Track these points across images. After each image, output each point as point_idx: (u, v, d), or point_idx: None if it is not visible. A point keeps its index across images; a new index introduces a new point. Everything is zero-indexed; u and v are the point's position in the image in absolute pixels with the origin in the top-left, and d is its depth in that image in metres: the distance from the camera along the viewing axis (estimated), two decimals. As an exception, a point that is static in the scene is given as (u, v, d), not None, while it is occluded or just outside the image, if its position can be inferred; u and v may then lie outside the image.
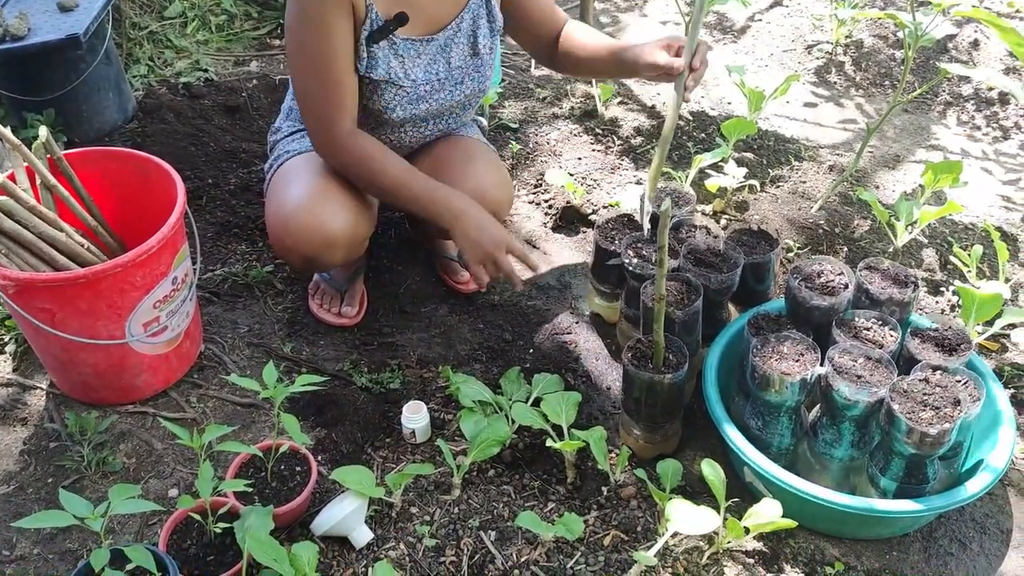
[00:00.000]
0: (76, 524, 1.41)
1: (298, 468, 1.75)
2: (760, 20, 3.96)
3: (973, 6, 2.28)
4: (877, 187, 2.84)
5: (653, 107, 3.20)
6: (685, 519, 1.64)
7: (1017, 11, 3.82)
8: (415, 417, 1.89)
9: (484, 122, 2.41)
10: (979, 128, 3.24)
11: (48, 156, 1.90)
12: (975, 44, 3.52)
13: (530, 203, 2.69)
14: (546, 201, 2.68)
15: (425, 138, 2.14)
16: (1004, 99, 3.30)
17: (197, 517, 1.60)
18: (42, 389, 2.02)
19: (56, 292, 1.71)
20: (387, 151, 1.91)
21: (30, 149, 1.86)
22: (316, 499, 1.78)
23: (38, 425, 1.94)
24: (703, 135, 3.02)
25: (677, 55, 1.89)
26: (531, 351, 2.17)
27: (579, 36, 2.11)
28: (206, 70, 3.31)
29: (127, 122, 2.92)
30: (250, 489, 1.67)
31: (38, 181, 1.87)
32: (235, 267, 2.35)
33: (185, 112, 3.00)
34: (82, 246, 1.87)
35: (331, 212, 1.92)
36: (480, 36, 2.01)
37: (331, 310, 2.23)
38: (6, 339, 2.12)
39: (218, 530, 1.58)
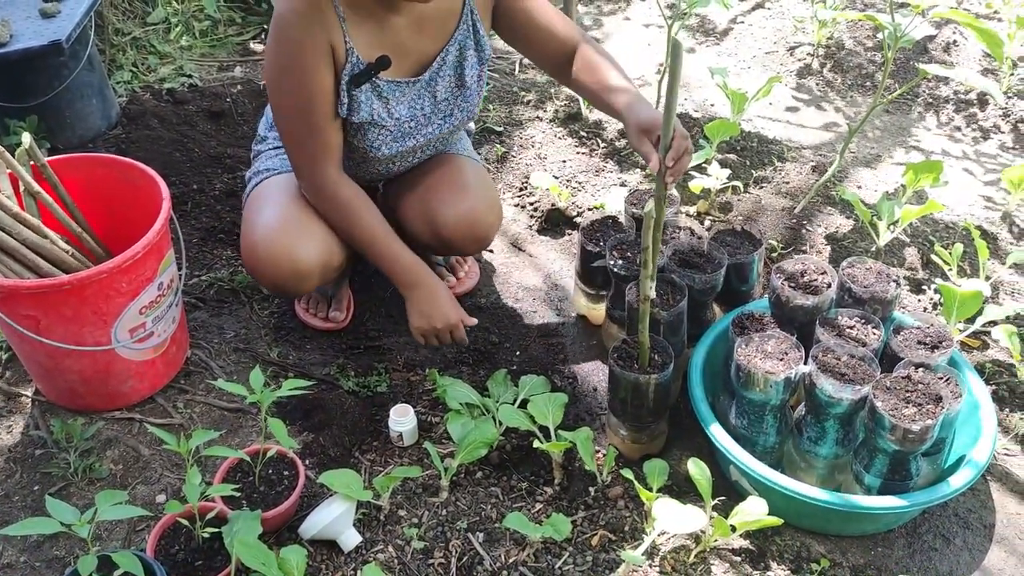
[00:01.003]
0: (63, 531, 1.40)
1: (286, 472, 1.75)
2: (742, 22, 3.99)
3: (951, 7, 2.30)
4: (859, 187, 2.86)
5: (637, 110, 3.22)
6: (672, 518, 1.65)
7: (995, 12, 3.87)
8: (402, 420, 1.90)
9: (472, 126, 2.41)
10: (959, 129, 3.27)
11: (32, 163, 1.89)
12: (954, 44, 3.55)
13: (515, 206, 2.70)
14: (531, 204, 2.69)
15: (413, 165, 2.13)
16: (983, 100, 3.33)
17: (185, 522, 1.60)
18: (27, 397, 2.01)
19: (41, 299, 1.71)
20: (368, 205, 1.95)
21: (13, 156, 1.85)
22: (304, 503, 1.78)
23: (24, 432, 1.93)
24: (687, 137, 3.03)
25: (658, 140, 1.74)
26: (518, 353, 2.18)
27: (591, 76, 1.99)
28: (190, 76, 3.30)
29: (111, 128, 2.91)
30: (238, 494, 1.67)
31: (21, 188, 1.86)
32: (221, 272, 2.35)
33: (169, 118, 2.99)
34: (67, 252, 1.86)
35: (303, 242, 1.91)
36: (467, 67, 1.98)
37: (318, 314, 2.23)
38: (-10, 347, 2.11)
39: (206, 535, 1.58)
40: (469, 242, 2.10)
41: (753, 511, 1.66)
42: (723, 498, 1.80)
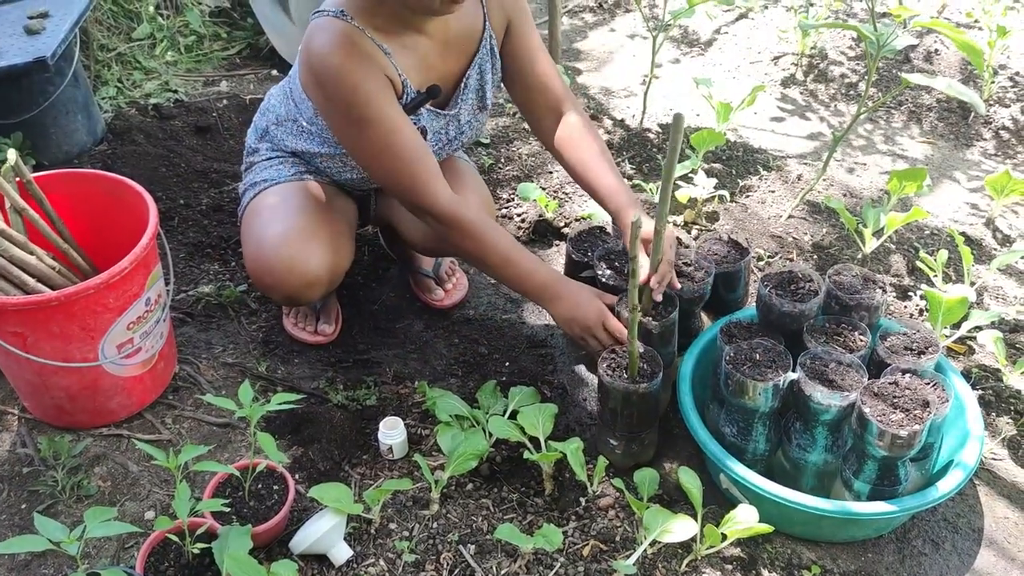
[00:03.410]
0: (52, 549, 1.39)
1: (275, 487, 1.75)
2: (726, 33, 4.02)
3: (932, 17, 2.33)
4: (844, 195, 2.88)
5: (623, 120, 3.24)
6: (663, 527, 1.66)
7: (975, 22, 3.91)
8: (392, 433, 1.89)
9: None
10: (942, 136, 3.30)
11: (17, 179, 1.88)
12: (935, 53, 3.59)
13: (503, 217, 2.71)
14: (519, 215, 2.69)
15: None
16: (965, 108, 3.37)
17: (175, 538, 1.59)
18: (14, 414, 2.00)
19: (28, 315, 1.70)
20: (493, 225, 1.90)
21: (-1, 172, 1.85)
22: (294, 517, 1.77)
23: (10, 450, 1.91)
24: (672, 147, 3.05)
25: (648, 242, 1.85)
26: (507, 364, 2.18)
27: (575, 151, 2.02)
28: (176, 91, 3.30)
29: (96, 144, 2.91)
30: (228, 509, 1.66)
31: (7, 204, 1.86)
32: (208, 287, 2.35)
33: (155, 133, 2.99)
34: (53, 269, 1.85)
35: (312, 252, 1.92)
36: (488, 89, 2.00)
37: (306, 328, 2.23)
38: (-24, 364, 2.10)
39: (196, 551, 1.57)
40: None
41: (744, 519, 1.66)
42: (713, 506, 1.80)
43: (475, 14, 1.93)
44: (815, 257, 2.54)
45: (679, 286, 1.95)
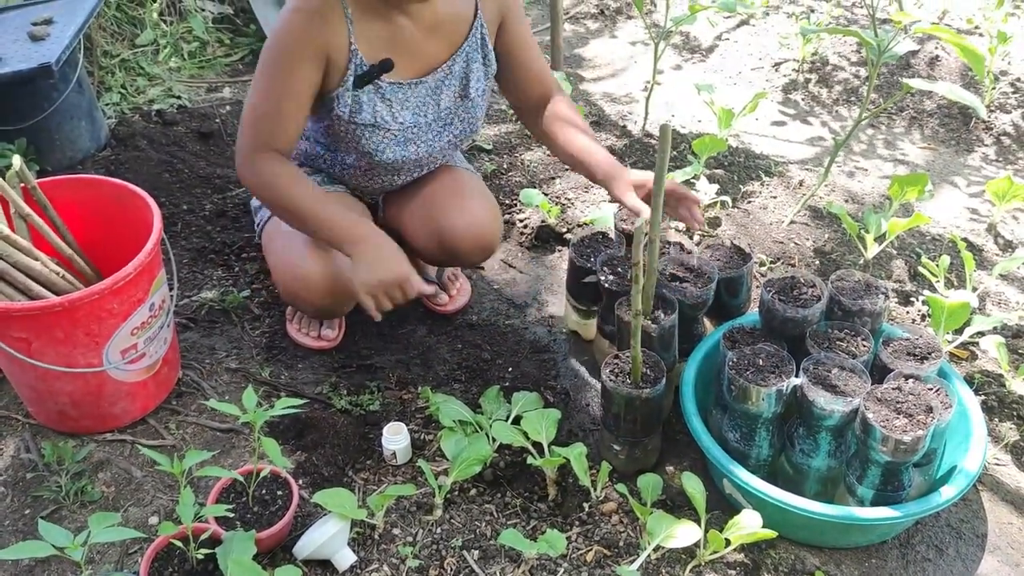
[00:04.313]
0: (56, 554, 1.39)
1: (279, 492, 1.75)
2: (727, 39, 4.03)
3: (933, 23, 2.33)
4: (846, 200, 2.89)
5: (624, 127, 3.24)
6: (667, 533, 1.66)
7: (976, 27, 3.92)
8: (395, 438, 1.90)
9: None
10: (943, 142, 3.31)
11: (22, 184, 1.89)
12: (936, 59, 3.59)
13: (506, 223, 2.71)
14: (521, 221, 2.70)
15: (414, 178, 2.14)
16: (966, 113, 3.37)
17: (179, 544, 1.59)
18: (18, 419, 2.00)
19: (33, 321, 1.70)
20: (299, 179, 1.82)
21: (3, 178, 1.85)
22: (298, 522, 1.77)
23: (14, 456, 1.92)
24: (675, 152, 3.06)
25: (648, 195, 1.86)
26: (510, 369, 2.19)
27: (563, 129, 2.06)
28: (179, 97, 3.31)
29: (100, 150, 2.91)
30: (232, 514, 1.66)
31: (12, 210, 1.86)
32: (212, 292, 2.35)
33: (158, 139, 3.00)
34: (57, 274, 1.86)
35: (343, 264, 1.90)
36: (472, 79, 1.99)
37: (310, 333, 2.23)
38: (-20, 370, 2.10)
39: (200, 556, 1.57)
40: (475, 251, 2.10)
41: (747, 524, 1.66)
42: (717, 511, 1.80)
43: (466, 3, 1.94)
44: (817, 262, 2.54)
45: (702, 219, 1.97)
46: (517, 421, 1.93)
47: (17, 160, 1.87)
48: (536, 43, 2.11)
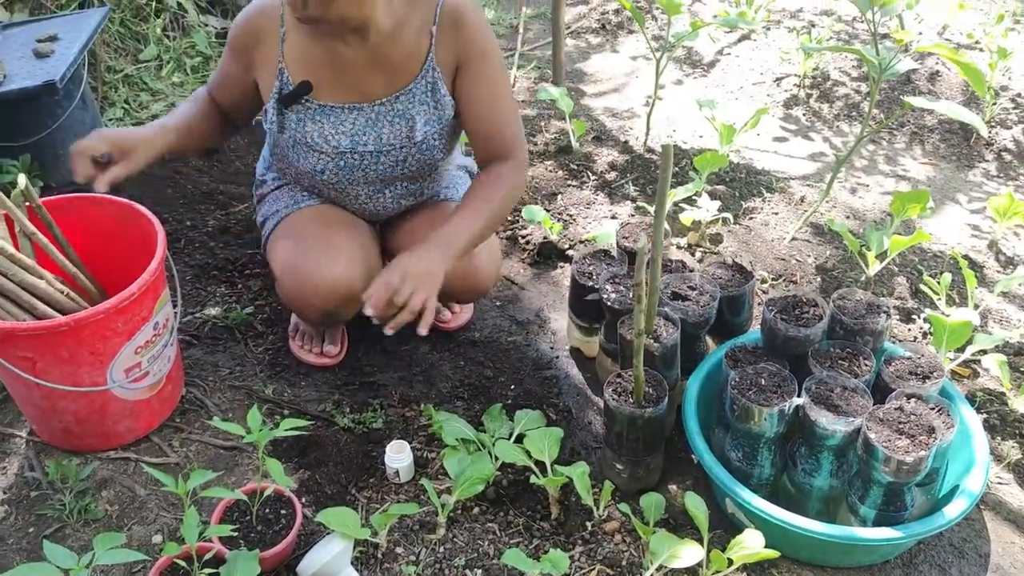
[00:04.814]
0: (60, 576, 1.40)
1: (283, 511, 1.75)
2: (729, 54, 4.05)
3: (935, 41, 2.34)
4: (847, 216, 2.89)
5: (626, 142, 3.25)
6: (670, 552, 1.66)
7: (976, 42, 3.94)
8: (398, 456, 1.90)
9: (472, 164, 2.36)
10: (944, 158, 3.32)
11: (27, 204, 1.90)
12: (937, 75, 3.61)
13: (508, 239, 2.72)
14: (523, 237, 2.71)
15: (395, 203, 2.11)
16: (966, 128, 3.38)
17: (182, 564, 1.59)
18: (21, 437, 2.00)
19: (38, 340, 1.71)
20: (188, 102, 2.07)
21: (7, 196, 1.86)
22: (301, 541, 1.78)
23: (18, 474, 1.92)
24: (676, 168, 3.07)
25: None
26: (512, 387, 2.19)
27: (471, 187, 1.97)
28: (182, 112, 3.32)
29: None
30: (235, 533, 1.66)
31: (17, 228, 1.87)
32: (215, 310, 2.36)
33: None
34: (62, 292, 1.86)
35: (348, 266, 1.93)
36: (419, 122, 1.94)
37: (312, 350, 2.23)
38: (-16, 387, 2.11)
39: (204, 576, 1.57)
40: (467, 294, 2.15)
41: (750, 544, 1.66)
42: (719, 531, 1.81)
43: (417, 44, 1.90)
44: (819, 279, 2.55)
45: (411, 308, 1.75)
46: (520, 439, 1.94)
47: (22, 179, 1.88)
48: (500, 101, 1.95)
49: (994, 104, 3.43)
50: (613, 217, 2.77)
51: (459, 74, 1.94)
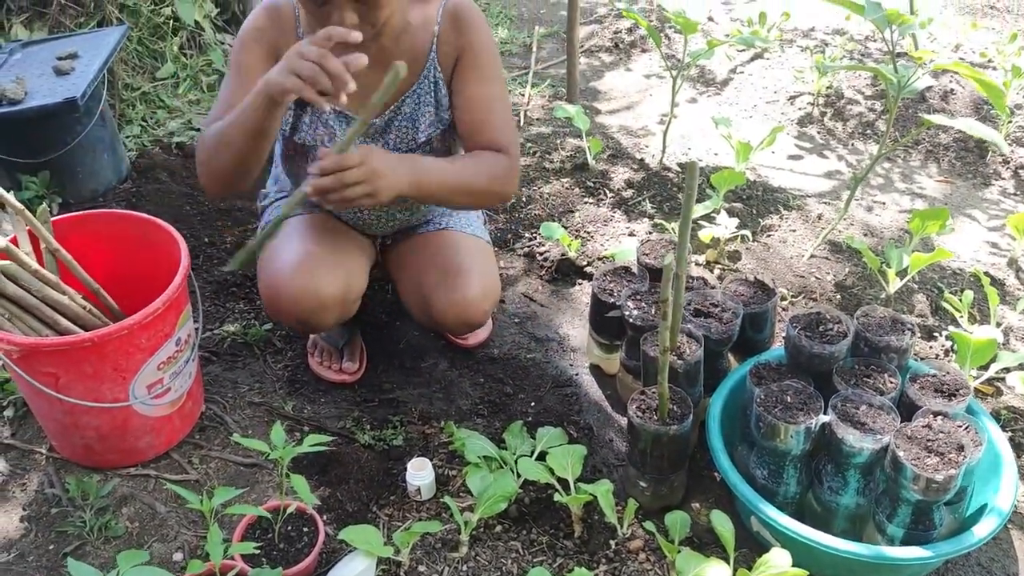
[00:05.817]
0: (85, 592, 1.39)
1: (305, 528, 1.74)
2: (742, 72, 4.06)
3: (952, 60, 2.35)
4: (865, 234, 2.88)
5: (642, 160, 3.25)
6: (696, 572, 1.64)
7: (989, 61, 3.94)
8: (420, 474, 1.89)
9: None
10: (960, 175, 3.31)
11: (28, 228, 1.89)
12: (951, 93, 3.61)
13: (525, 256, 2.72)
14: (541, 255, 2.70)
15: (400, 223, 2.12)
16: (982, 146, 3.38)
17: (205, 581, 1.58)
18: (41, 454, 1.99)
19: (62, 356, 1.71)
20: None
21: (33, 213, 1.86)
22: (324, 559, 1.76)
23: (38, 491, 1.91)
24: (692, 186, 3.06)
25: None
26: (532, 404, 2.18)
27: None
28: (198, 129, 3.33)
29: (121, 182, 2.93)
30: (258, 551, 1.65)
31: (41, 245, 1.87)
32: (234, 326, 2.35)
33: (179, 171, 3.02)
34: (84, 308, 1.86)
35: (323, 275, 1.92)
36: (422, 124, 1.94)
37: (331, 367, 2.23)
38: (4, 403, 2.10)
39: (227, 594, 1.56)
40: (460, 326, 2.07)
41: (778, 563, 1.64)
42: (744, 549, 1.79)
43: (423, 40, 1.89)
44: (838, 297, 2.54)
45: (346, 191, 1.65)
46: (542, 457, 1.92)
47: (44, 208, 1.88)
48: (493, 102, 1.91)
49: (1009, 122, 3.42)
50: (631, 234, 2.77)
51: (455, 69, 1.93)
